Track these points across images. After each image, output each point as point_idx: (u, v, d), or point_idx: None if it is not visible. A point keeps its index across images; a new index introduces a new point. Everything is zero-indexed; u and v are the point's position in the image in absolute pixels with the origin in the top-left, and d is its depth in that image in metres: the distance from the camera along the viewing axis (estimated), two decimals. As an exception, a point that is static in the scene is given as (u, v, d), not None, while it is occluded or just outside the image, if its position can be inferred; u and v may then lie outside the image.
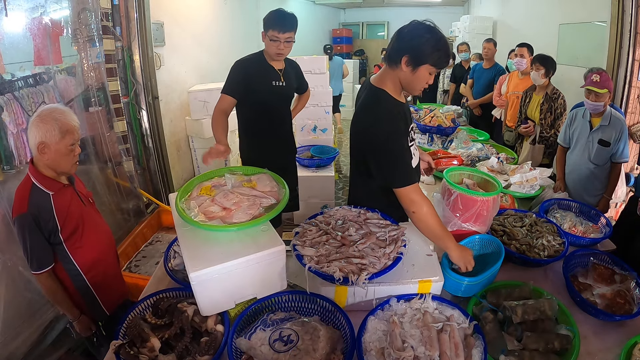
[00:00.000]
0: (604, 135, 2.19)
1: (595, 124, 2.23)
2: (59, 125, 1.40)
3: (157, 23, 3.50)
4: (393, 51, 1.31)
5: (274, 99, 2.13)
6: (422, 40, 1.25)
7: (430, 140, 3.22)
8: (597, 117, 2.23)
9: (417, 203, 1.30)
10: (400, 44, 1.29)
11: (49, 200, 1.43)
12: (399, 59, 1.29)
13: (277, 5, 2.48)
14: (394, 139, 1.34)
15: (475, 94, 4.27)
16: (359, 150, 1.52)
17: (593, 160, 2.25)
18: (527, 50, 3.31)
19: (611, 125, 2.17)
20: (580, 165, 2.33)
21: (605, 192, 2.28)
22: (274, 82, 2.10)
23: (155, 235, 3.14)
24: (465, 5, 9.81)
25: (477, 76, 4.29)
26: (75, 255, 1.53)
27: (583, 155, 2.30)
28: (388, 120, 1.34)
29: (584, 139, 2.29)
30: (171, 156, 3.76)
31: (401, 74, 1.33)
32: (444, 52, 1.27)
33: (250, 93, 2.05)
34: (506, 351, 1.09)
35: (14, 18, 2.07)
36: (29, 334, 2.01)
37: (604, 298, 1.31)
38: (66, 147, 1.43)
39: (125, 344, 1.08)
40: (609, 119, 2.17)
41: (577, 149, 2.35)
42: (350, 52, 11.52)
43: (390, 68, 1.35)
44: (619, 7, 2.95)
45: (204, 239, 1.21)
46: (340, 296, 1.23)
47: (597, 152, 2.21)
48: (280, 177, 1.49)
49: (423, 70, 1.29)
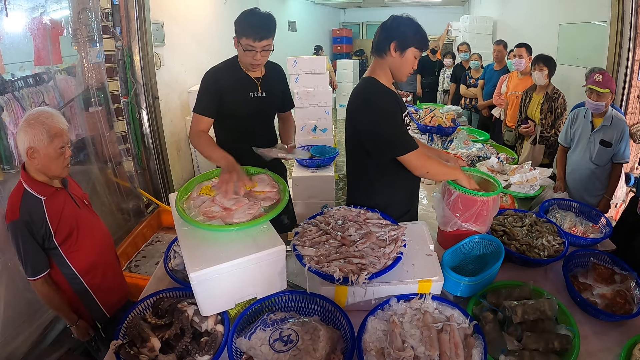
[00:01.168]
0: (605, 135, 2.18)
1: (597, 124, 2.23)
2: (47, 129, 1.37)
3: (157, 23, 3.51)
4: (380, 42, 1.47)
5: (252, 114, 1.76)
6: (405, 27, 1.44)
7: (430, 140, 3.21)
8: (598, 118, 2.23)
9: (425, 166, 1.46)
10: (386, 33, 1.46)
11: (41, 206, 1.42)
12: (388, 47, 1.44)
13: (277, 5, 2.46)
14: (389, 112, 1.46)
15: (486, 95, 4.26)
16: (354, 135, 1.58)
17: (594, 160, 2.25)
18: (525, 51, 3.31)
19: (613, 125, 2.16)
20: (581, 166, 2.33)
21: (605, 192, 2.28)
22: (251, 93, 1.73)
23: (155, 235, 3.14)
24: (465, 5, 9.81)
25: (487, 77, 4.27)
26: (72, 259, 1.52)
27: (584, 156, 2.30)
28: (381, 97, 1.48)
29: (585, 139, 2.29)
30: (171, 156, 3.76)
31: (390, 60, 1.47)
32: (424, 36, 1.47)
33: (225, 108, 1.71)
34: (506, 351, 1.09)
35: (14, 18, 2.07)
36: (29, 334, 2.02)
37: (604, 298, 1.31)
38: (55, 150, 1.40)
39: (125, 344, 1.08)
40: (610, 119, 2.17)
41: (579, 149, 2.34)
42: (350, 52, 11.52)
43: (380, 57, 1.49)
44: (619, 7, 2.95)
45: (204, 239, 1.20)
46: (340, 296, 1.23)
47: (599, 152, 2.21)
48: (280, 177, 1.49)
49: (410, 54, 1.45)
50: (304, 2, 9.25)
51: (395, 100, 1.50)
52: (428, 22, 9.10)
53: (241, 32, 1.60)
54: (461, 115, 4.25)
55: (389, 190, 1.57)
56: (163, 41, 3.68)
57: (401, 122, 1.50)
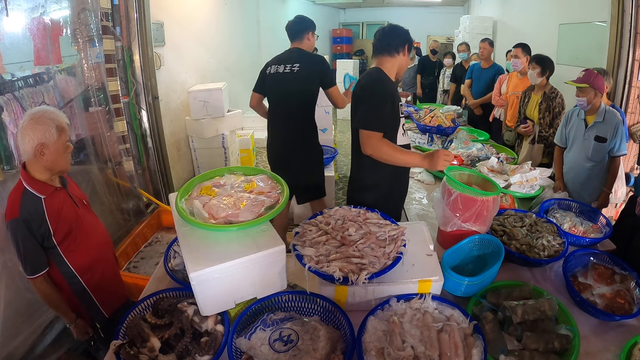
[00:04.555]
0: (599, 131, 2.20)
1: (590, 121, 2.25)
2: (55, 124, 1.41)
3: (157, 23, 3.50)
4: (395, 43, 1.75)
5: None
6: (408, 33, 1.78)
7: (430, 140, 3.22)
8: (591, 115, 2.25)
9: (374, 147, 1.61)
10: (400, 37, 1.75)
11: (40, 205, 1.43)
12: (402, 47, 1.76)
13: (278, 5, 2.46)
14: (379, 94, 1.68)
15: (476, 93, 4.28)
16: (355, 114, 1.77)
17: (591, 157, 2.26)
18: (521, 51, 3.33)
19: (606, 121, 2.18)
20: (578, 164, 2.34)
21: (605, 186, 2.29)
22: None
23: (155, 236, 3.14)
24: (465, 5, 9.80)
25: (476, 76, 4.30)
26: (70, 258, 1.53)
27: (580, 154, 2.31)
28: (380, 80, 1.73)
29: (580, 137, 2.31)
30: (171, 156, 3.75)
31: (402, 59, 1.78)
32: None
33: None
34: (506, 351, 1.09)
35: (14, 18, 2.07)
36: (28, 334, 2.02)
37: (604, 298, 1.31)
38: (63, 144, 1.45)
39: (125, 343, 1.08)
40: (603, 115, 2.19)
41: (574, 148, 2.36)
42: (350, 52, 11.52)
43: (391, 56, 1.76)
44: (619, 7, 2.95)
45: (204, 239, 1.20)
46: (340, 296, 1.23)
47: (594, 148, 2.23)
48: (280, 177, 1.48)
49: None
50: (304, 2, 9.25)
51: (390, 89, 1.74)
52: (428, 22, 9.19)
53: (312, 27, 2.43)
54: (461, 115, 4.27)
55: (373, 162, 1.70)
56: (163, 41, 3.68)
57: (384, 106, 1.67)
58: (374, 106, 1.65)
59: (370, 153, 1.62)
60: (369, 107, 1.65)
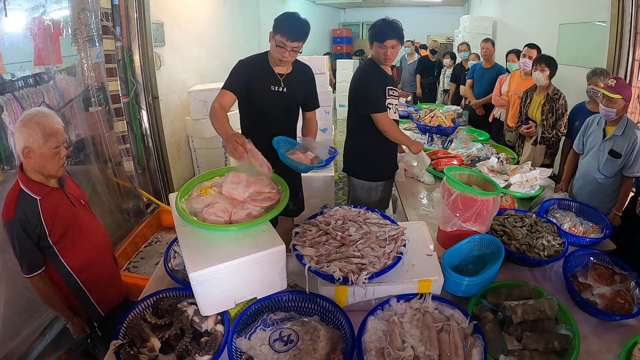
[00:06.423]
0: (615, 145, 2.06)
1: (609, 132, 2.11)
2: (42, 128, 1.39)
3: (157, 23, 3.50)
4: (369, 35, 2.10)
5: (272, 106, 1.90)
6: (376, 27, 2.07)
7: (430, 140, 3.22)
8: (611, 126, 2.12)
9: (386, 126, 2.10)
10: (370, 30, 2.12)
11: (36, 205, 1.43)
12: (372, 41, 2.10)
13: (278, 5, 2.47)
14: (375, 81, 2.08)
15: (478, 94, 4.26)
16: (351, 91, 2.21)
17: (601, 170, 2.13)
18: (537, 53, 3.18)
19: (624, 135, 2.04)
20: (588, 173, 2.22)
21: (614, 206, 2.15)
22: (272, 86, 1.88)
23: (155, 236, 3.14)
24: (465, 5, 9.81)
25: (477, 76, 4.28)
26: (67, 258, 1.53)
27: (592, 163, 2.19)
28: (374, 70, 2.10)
29: (596, 146, 2.18)
30: (171, 156, 3.76)
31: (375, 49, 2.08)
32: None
33: (251, 95, 1.87)
34: (506, 351, 1.09)
35: (14, 18, 2.07)
36: (28, 333, 2.02)
37: (603, 298, 1.32)
38: (50, 150, 1.41)
39: (125, 344, 1.08)
40: (623, 128, 2.05)
41: (589, 156, 2.23)
42: (350, 52, 11.52)
43: (371, 47, 2.10)
44: (619, 7, 2.95)
45: (204, 239, 1.20)
46: (340, 296, 1.23)
47: (606, 162, 2.10)
48: (280, 177, 1.48)
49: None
50: (304, 2, 9.25)
51: (383, 76, 2.11)
52: (428, 22, 9.19)
53: (278, 29, 1.74)
54: (461, 115, 4.27)
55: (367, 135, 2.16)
56: (163, 41, 3.68)
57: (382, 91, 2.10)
58: (375, 93, 2.08)
59: (385, 130, 2.10)
60: (371, 94, 2.08)
